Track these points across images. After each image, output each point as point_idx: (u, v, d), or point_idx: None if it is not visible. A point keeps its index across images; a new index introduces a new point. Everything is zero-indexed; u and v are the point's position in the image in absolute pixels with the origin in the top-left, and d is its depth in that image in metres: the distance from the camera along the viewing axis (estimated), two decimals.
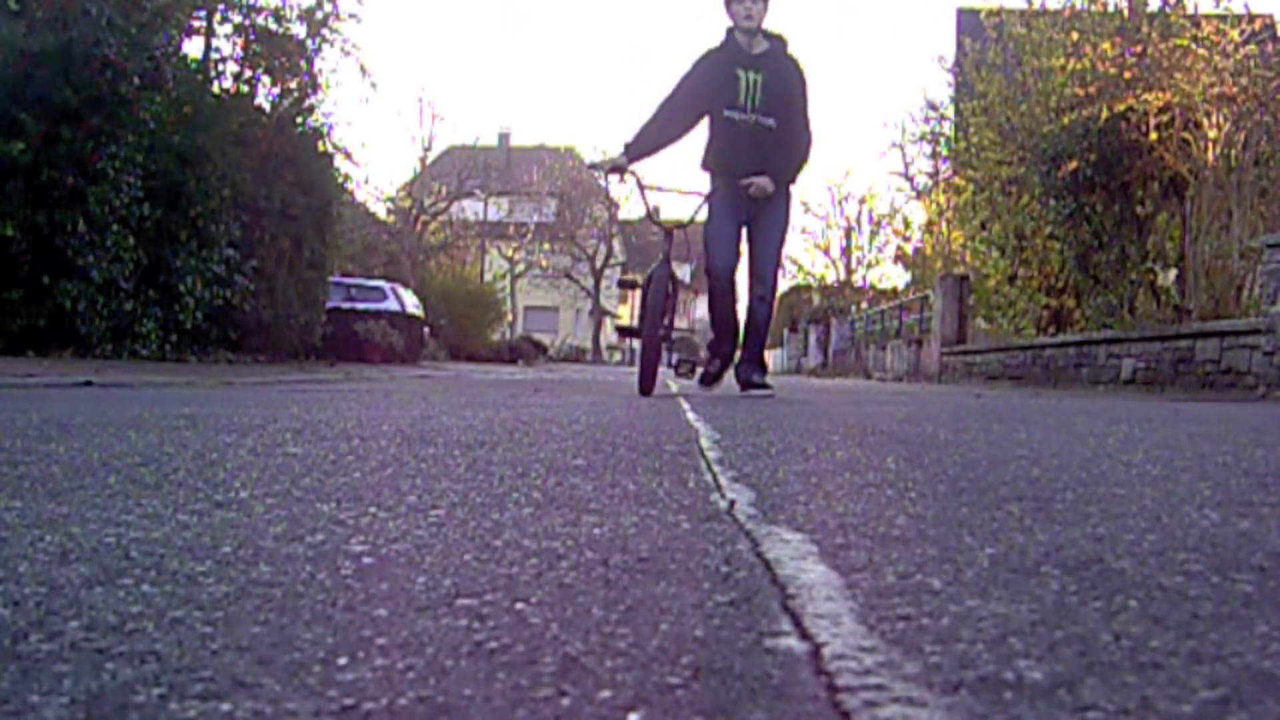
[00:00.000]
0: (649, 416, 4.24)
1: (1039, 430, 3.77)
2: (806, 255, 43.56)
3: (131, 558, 1.19)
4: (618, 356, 52.35)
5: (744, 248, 6.83)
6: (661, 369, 7.00)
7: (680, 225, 6.98)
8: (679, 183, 7.21)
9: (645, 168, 6.89)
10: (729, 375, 7.32)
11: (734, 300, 6.93)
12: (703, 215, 6.81)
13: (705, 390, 7.25)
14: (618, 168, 6.78)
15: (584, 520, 1.51)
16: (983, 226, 17.48)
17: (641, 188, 6.87)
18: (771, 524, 1.50)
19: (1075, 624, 0.96)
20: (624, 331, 7.36)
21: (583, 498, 1.75)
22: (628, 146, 6.76)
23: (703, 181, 6.85)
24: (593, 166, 6.79)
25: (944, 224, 26.00)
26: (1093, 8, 14.58)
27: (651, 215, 6.98)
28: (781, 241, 6.94)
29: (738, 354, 7.00)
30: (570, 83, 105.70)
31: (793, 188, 6.91)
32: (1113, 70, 13.17)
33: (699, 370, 8.02)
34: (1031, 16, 16.15)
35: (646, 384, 6.61)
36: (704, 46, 6.91)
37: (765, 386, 6.84)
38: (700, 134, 6.87)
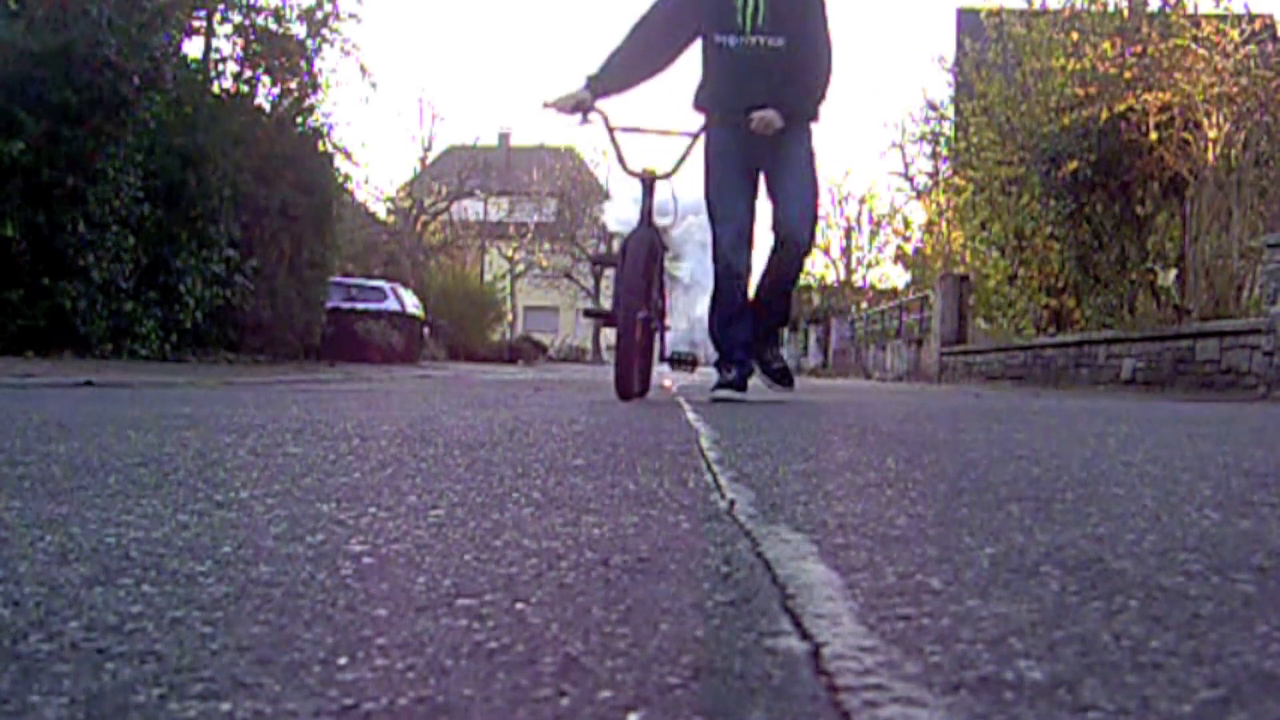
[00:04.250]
0: (649, 416, 4.24)
1: (1039, 430, 3.77)
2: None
3: (131, 558, 1.19)
4: None
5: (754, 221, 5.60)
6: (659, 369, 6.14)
7: (664, 175, 5.49)
8: (665, 124, 5.59)
9: (617, 106, 5.54)
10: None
11: (745, 294, 5.61)
12: (692, 161, 5.48)
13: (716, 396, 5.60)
14: (580, 105, 5.37)
15: (584, 520, 1.51)
16: (983, 226, 17.48)
17: (610, 131, 5.44)
18: (771, 524, 1.49)
19: (1075, 624, 0.95)
20: (595, 316, 6.01)
21: (583, 498, 1.74)
22: (591, 80, 5.38)
23: (696, 124, 5.52)
24: (549, 105, 5.42)
25: (944, 224, 26.02)
26: (1093, 8, 14.59)
27: (624, 164, 5.46)
28: (815, 186, 5.56)
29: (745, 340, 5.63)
30: (570, 83, 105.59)
31: (814, 125, 5.57)
32: (1113, 70, 13.17)
33: (699, 367, 7.32)
34: (1031, 16, 16.17)
35: (626, 384, 5.14)
36: None
37: (788, 379, 5.61)
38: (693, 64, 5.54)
